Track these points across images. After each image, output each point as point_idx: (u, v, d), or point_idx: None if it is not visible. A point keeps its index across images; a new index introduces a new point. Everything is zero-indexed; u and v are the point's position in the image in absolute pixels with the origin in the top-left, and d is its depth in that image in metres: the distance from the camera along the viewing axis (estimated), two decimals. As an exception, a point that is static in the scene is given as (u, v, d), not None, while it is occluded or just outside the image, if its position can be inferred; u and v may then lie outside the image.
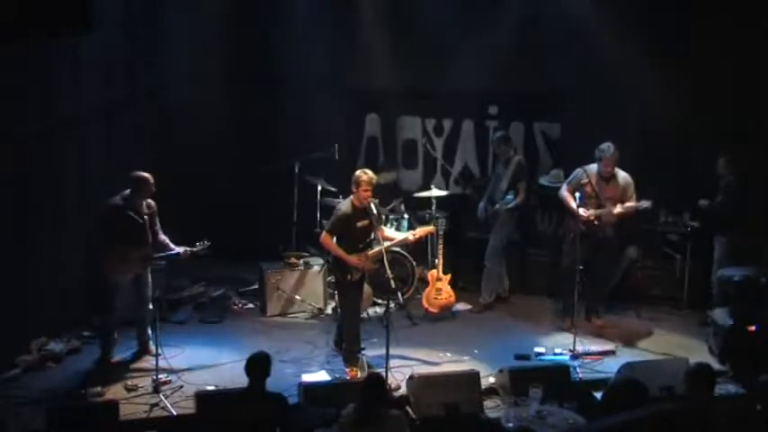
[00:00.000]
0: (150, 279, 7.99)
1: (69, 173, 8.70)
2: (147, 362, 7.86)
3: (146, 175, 7.78)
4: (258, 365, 6.19)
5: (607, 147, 8.47)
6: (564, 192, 8.73)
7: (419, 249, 9.31)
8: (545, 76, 10.17)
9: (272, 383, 6.31)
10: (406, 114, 11.09)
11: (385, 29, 10.39)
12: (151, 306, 7.99)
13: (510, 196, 9.29)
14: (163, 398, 7.28)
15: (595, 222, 8.53)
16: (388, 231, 8.16)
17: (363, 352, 8.00)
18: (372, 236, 7.80)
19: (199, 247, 7.83)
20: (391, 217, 9.66)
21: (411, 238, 8.16)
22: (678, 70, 9.59)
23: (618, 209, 8.44)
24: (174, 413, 7.09)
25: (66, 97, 8.60)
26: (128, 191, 7.78)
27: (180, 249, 7.88)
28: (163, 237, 7.96)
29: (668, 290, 9.65)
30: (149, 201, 7.89)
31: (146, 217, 7.78)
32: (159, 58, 9.83)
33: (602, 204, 8.51)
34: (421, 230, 8.23)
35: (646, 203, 8.36)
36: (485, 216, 9.57)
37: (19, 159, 8.00)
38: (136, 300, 8.00)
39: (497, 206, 9.34)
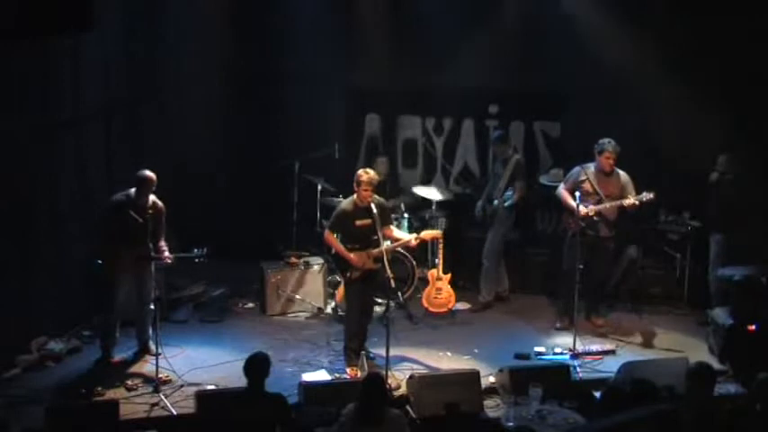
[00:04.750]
0: (153, 279, 7.98)
1: (69, 172, 8.69)
2: (148, 361, 7.86)
3: (150, 174, 7.75)
4: (257, 366, 6.19)
5: (608, 141, 8.48)
6: (561, 190, 8.74)
7: (419, 249, 9.30)
8: (545, 75, 10.18)
9: (272, 383, 6.31)
10: (405, 114, 11.09)
11: (385, 28, 10.40)
12: (152, 306, 7.99)
13: (509, 192, 9.29)
14: (163, 397, 7.28)
15: (595, 218, 8.52)
16: (397, 232, 8.12)
17: (371, 354, 8.04)
18: (375, 236, 7.78)
19: (195, 254, 7.81)
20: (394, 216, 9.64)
21: (413, 241, 8.13)
22: (678, 70, 9.60)
23: (619, 202, 8.42)
24: (175, 413, 7.09)
25: (66, 97, 8.59)
26: (132, 189, 7.78)
27: (168, 257, 7.86)
28: (162, 242, 7.93)
29: (668, 289, 9.66)
30: (157, 202, 7.88)
31: (148, 216, 7.76)
32: (159, 57, 9.83)
33: (602, 201, 8.50)
34: (425, 234, 8.18)
35: (648, 195, 8.32)
36: (482, 215, 9.57)
37: (19, 159, 8.00)
38: (136, 299, 8.00)
39: (496, 203, 9.34)
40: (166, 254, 7.86)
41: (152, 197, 7.84)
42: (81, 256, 8.51)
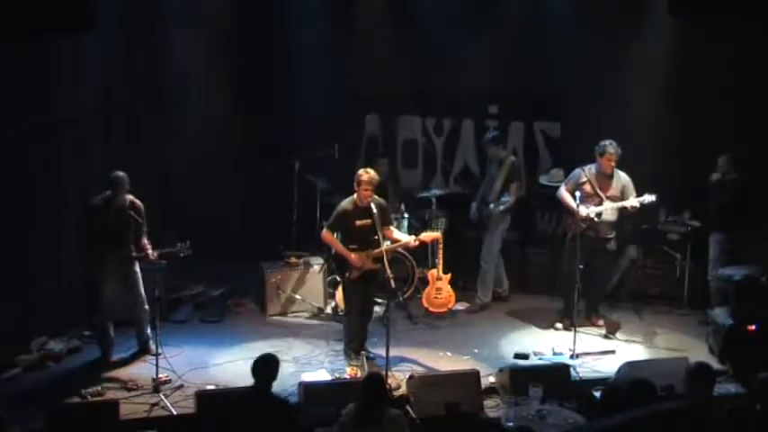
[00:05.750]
0: (140, 278, 7.97)
1: (69, 172, 8.69)
2: (148, 361, 7.86)
3: (122, 174, 7.74)
4: (266, 367, 6.16)
5: (609, 142, 8.48)
6: (562, 191, 8.73)
7: (419, 249, 9.30)
8: (545, 75, 10.17)
9: (272, 383, 6.31)
10: (406, 114, 11.09)
11: (385, 28, 10.40)
12: (147, 306, 7.99)
13: (505, 198, 9.27)
14: (163, 397, 7.28)
15: (596, 220, 8.52)
16: (397, 233, 8.12)
17: (371, 354, 8.05)
18: (375, 237, 7.77)
19: (179, 247, 7.81)
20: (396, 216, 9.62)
21: (412, 243, 8.11)
22: (678, 69, 9.60)
23: (621, 204, 8.43)
24: (174, 413, 7.09)
25: (65, 97, 8.59)
26: (108, 192, 7.77)
27: (152, 254, 7.83)
28: (145, 241, 7.90)
29: (668, 289, 9.66)
30: (135, 200, 7.87)
31: (129, 216, 7.75)
32: (159, 57, 9.82)
33: (603, 202, 8.50)
34: (425, 236, 8.18)
35: (650, 198, 8.34)
36: (478, 216, 9.56)
37: (18, 159, 8.01)
38: (129, 300, 8.00)
39: (491, 207, 9.33)
40: (149, 251, 7.85)
41: (129, 197, 7.83)
42: (81, 256, 8.51)
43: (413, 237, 8.17)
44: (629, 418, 5.44)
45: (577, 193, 8.46)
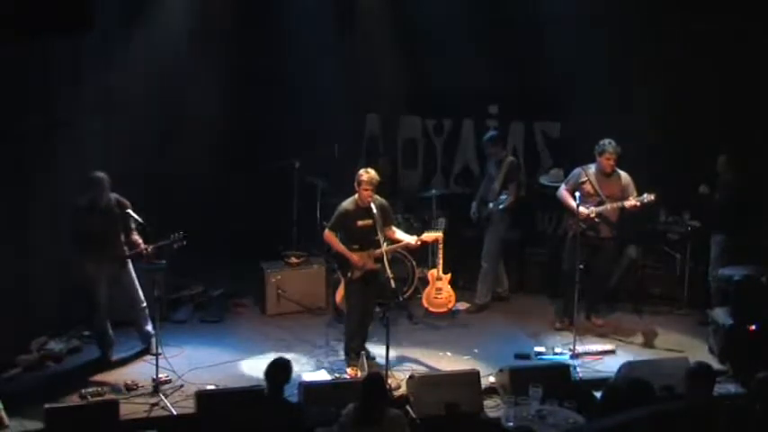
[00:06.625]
0: (135, 278, 7.97)
1: (68, 172, 8.67)
2: (148, 361, 7.86)
3: (103, 174, 7.74)
4: (280, 372, 6.15)
5: (609, 141, 8.48)
6: (562, 191, 8.73)
7: (420, 249, 9.30)
8: (545, 75, 10.17)
9: (271, 382, 6.31)
10: (406, 114, 11.09)
11: (385, 28, 10.40)
12: (144, 304, 7.98)
13: (504, 196, 9.27)
14: (163, 397, 7.28)
15: (596, 220, 8.51)
16: (399, 233, 8.11)
17: (371, 354, 8.05)
18: (376, 237, 7.76)
19: (173, 238, 7.80)
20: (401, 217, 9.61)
21: (413, 243, 8.11)
22: (678, 70, 9.60)
23: (620, 204, 8.42)
24: (175, 413, 7.09)
25: (65, 97, 8.58)
26: (92, 192, 7.76)
27: (145, 247, 7.81)
28: (135, 237, 7.90)
29: (668, 289, 9.66)
30: (120, 198, 7.87)
31: (116, 214, 7.74)
32: (159, 57, 9.81)
33: (603, 202, 8.50)
34: (426, 236, 8.19)
35: (649, 197, 8.33)
36: (477, 216, 9.56)
37: (18, 159, 8.00)
38: (125, 301, 7.99)
39: (490, 206, 9.33)
40: (142, 246, 7.84)
41: (114, 195, 7.82)
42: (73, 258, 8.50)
43: (414, 237, 8.17)
44: (629, 418, 5.44)
45: (577, 193, 8.46)
